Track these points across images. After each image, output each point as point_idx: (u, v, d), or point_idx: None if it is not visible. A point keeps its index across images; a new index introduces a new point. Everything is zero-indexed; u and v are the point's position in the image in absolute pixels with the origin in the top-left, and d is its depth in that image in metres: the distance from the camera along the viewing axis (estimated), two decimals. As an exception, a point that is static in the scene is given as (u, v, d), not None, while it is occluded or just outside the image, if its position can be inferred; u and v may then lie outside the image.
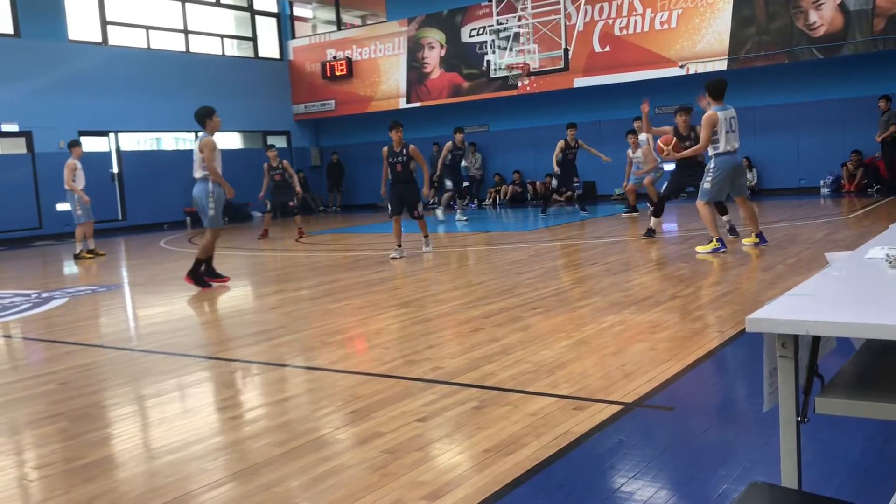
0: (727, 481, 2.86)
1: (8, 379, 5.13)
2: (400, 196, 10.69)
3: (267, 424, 3.85)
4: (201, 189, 8.50)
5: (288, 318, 6.69)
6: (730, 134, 8.68)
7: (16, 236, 17.64)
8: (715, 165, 8.77)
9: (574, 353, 4.80)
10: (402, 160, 10.65)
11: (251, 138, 23.58)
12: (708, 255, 8.77)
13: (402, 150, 10.66)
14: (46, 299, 8.63)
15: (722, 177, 8.74)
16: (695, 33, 17.25)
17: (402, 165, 10.67)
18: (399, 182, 10.70)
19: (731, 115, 8.73)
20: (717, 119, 8.60)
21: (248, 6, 23.34)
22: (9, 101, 17.51)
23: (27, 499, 3.15)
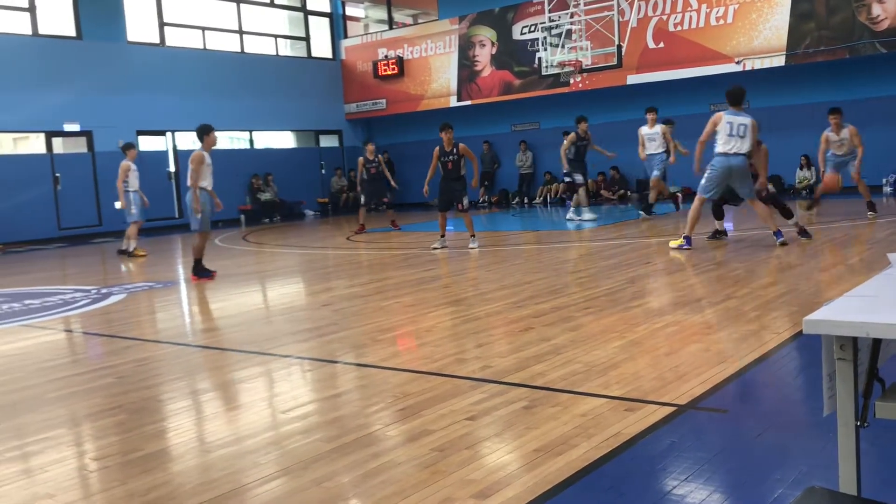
0: (782, 486, 2.80)
1: (69, 372, 5.28)
2: (449, 192, 11.47)
3: (318, 420, 3.89)
4: (189, 196, 9.50)
5: (339, 315, 6.75)
6: (732, 137, 9.02)
7: (77, 233, 18.15)
8: (712, 164, 9.23)
9: (626, 354, 4.74)
10: (452, 158, 11.41)
11: (304, 137, 23.87)
12: (675, 250, 9.38)
13: (452, 150, 11.43)
14: (105, 295, 8.86)
15: (716, 175, 9.18)
16: (752, 28, 16.91)
17: (453, 163, 11.42)
18: (449, 179, 11.47)
19: (739, 122, 9.03)
20: (721, 119, 9.11)
21: (301, 6, 23.61)
22: (71, 102, 18.02)
23: (87, 489, 3.24)
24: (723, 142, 9.04)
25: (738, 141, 9.01)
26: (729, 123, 9.02)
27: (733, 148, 9.01)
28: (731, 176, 9.14)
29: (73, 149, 18.66)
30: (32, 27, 17.76)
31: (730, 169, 9.08)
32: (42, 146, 18.22)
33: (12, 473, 3.40)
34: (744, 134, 8.99)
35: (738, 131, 8.99)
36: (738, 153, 9.04)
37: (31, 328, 7.07)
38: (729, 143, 9.02)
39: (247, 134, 22.29)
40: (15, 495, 3.14)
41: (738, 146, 9.01)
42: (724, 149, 9.05)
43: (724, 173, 9.12)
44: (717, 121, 9.12)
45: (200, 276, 9.64)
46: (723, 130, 9.04)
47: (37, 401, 4.58)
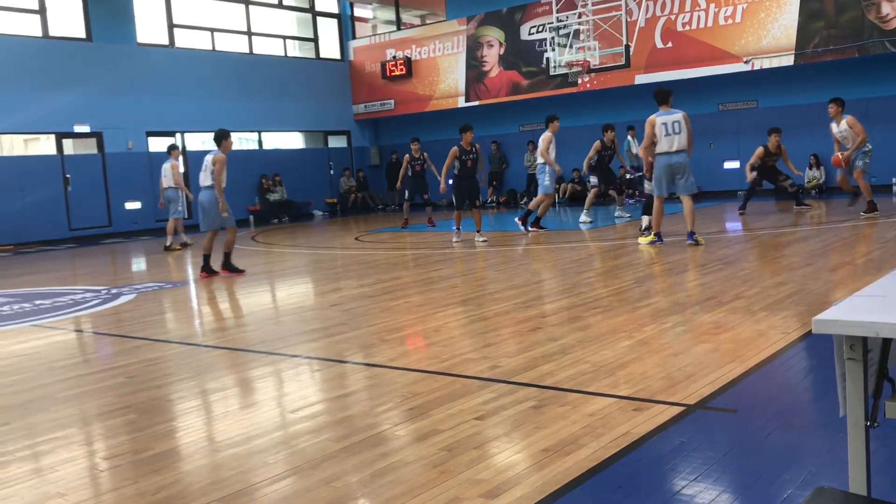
0: (792, 486, 2.79)
1: (80, 372, 5.31)
2: (467, 190, 12.00)
3: (326, 420, 3.90)
4: (209, 195, 9.83)
5: (348, 315, 6.76)
6: (668, 136, 9.58)
7: (87, 234, 18.23)
8: (655, 165, 9.81)
9: (634, 354, 4.74)
10: (472, 157, 11.95)
11: (312, 138, 23.92)
12: (646, 246, 9.88)
13: (471, 149, 11.95)
14: (116, 295, 8.90)
15: (660, 174, 9.71)
16: (760, 28, 16.86)
17: (472, 162, 11.98)
18: (467, 177, 12.00)
19: (672, 120, 9.58)
20: (655, 122, 9.62)
21: (309, 7, 23.66)
22: (81, 103, 18.10)
23: (97, 488, 3.26)
24: (663, 143, 9.59)
25: (675, 138, 9.57)
26: (663, 124, 9.58)
27: (673, 145, 9.56)
28: (674, 170, 9.66)
29: (84, 150, 18.74)
30: (43, 29, 17.85)
31: (671, 166, 9.62)
32: (52, 147, 18.31)
33: (23, 472, 3.42)
34: (679, 130, 9.55)
35: (672, 129, 9.56)
36: (679, 150, 9.59)
37: (41, 328, 7.11)
38: (667, 142, 9.57)
39: (256, 135, 22.35)
40: (26, 494, 3.16)
41: (676, 143, 9.56)
42: (663, 148, 9.61)
43: (666, 171, 9.66)
44: (652, 123, 9.63)
45: (234, 270, 10.14)
46: (660, 132, 9.60)
47: (47, 400, 4.60)
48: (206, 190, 9.86)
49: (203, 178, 9.90)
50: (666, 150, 9.60)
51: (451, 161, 11.95)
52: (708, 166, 19.19)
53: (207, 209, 9.89)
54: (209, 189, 9.82)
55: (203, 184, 9.89)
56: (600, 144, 14.19)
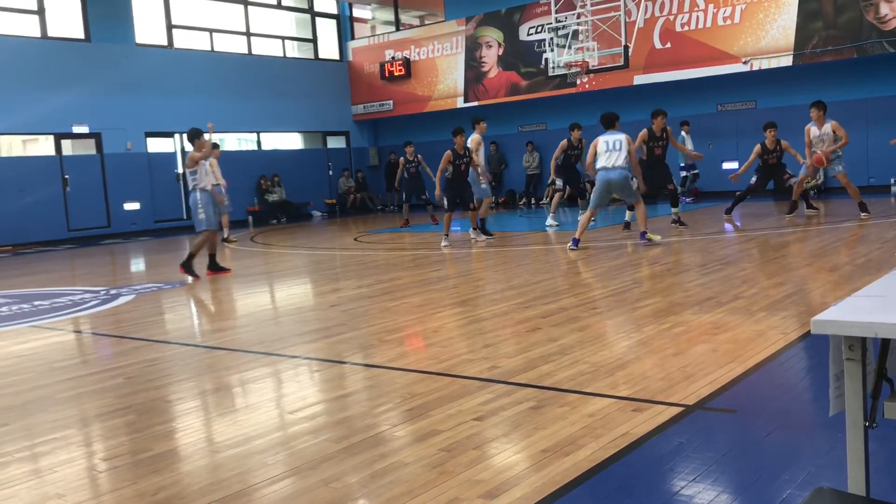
0: (791, 486, 2.80)
1: (79, 373, 5.31)
2: (459, 193, 11.99)
3: (326, 420, 3.90)
4: (191, 198, 9.92)
5: (347, 316, 6.76)
6: (609, 153, 10.10)
7: (86, 234, 18.22)
8: (597, 179, 10.30)
9: (633, 354, 4.74)
10: (465, 161, 12.00)
11: (311, 139, 23.92)
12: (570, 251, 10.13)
13: (465, 153, 12.00)
14: (114, 296, 8.90)
15: (599, 188, 10.26)
16: (759, 28, 16.87)
17: (466, 165, 12.02)
18: (460, 180, 12.00)
19: (614, 139, 10.13)
20: (598, 141, 10.24)
21: (308, 8, 23.66)
22: (80, 104, 18.10)
23: (97, 489, 3.26)
24: (602, 159, 10.12)
25: (615, 154, 10.07)
26: (605, 142, 10.17)
27: (611, 161, 10.05)
28: (611, 187, 10.20)
29: (82, 150, 18.73)
30: (41, 29, 17.84)
31: (608, 182, 10.13)
32: (51, 148, 18.30)
33: (22, 474, 3.42)
34: (619, 148, 10.08)
35: (613, 146, 10.10)
36: (615, 167, 10.06)
37: (40, 329, 7.10)
38: (606, 158, 10.08)
39: (254, 135, 22.35)
40: (25, 495, 3.16)
41: (615, 160, 10.05)
42: (603, 164, 10.13)
43: (604, 186, 10.19)
44: (595, 144, 10.28)
45: (216, 270, 10.24)
46: (601, 150, 10.16)
47: (47, 401, 4.60)
48: (191, 193, 10.01)
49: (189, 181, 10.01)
50: (604, 166, 10.10)
51: (444, 165, 11.83)
52: (707, 166, 19.19)
53: (195, 210, 9.97)
54: (191, 192, 9.96)
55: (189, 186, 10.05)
56: (567, 143, 13.79)
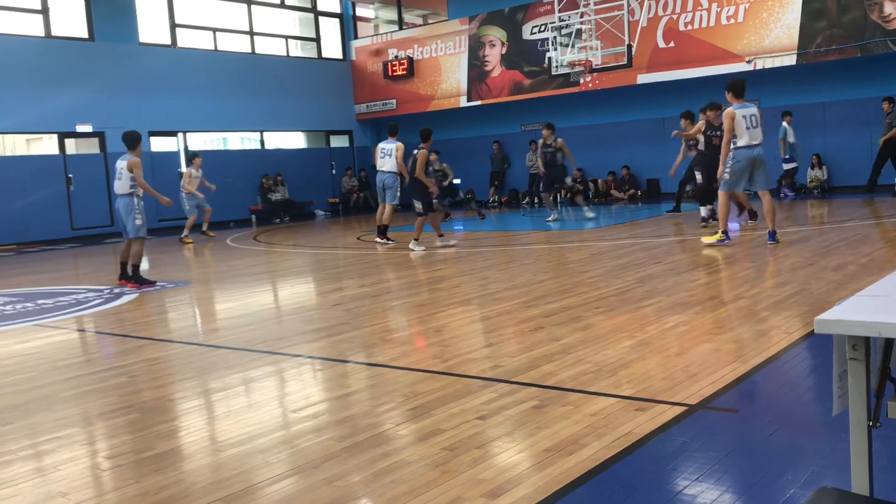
0: (794, 486, 2.79)
1: (82, 371, 5.32)
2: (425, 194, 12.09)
3: (329, 419, 3.90)
4: (126, 203, 9.28)
5: (350, 315, 6.76)
6: (750, 130, 9.20)
7: (89, 233, 18.25)
8: (734, 157, 9.28)
9: (636, 354, 4.74)
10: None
11: (314, 138, 23.93)
12: (713, 245, 9.46)
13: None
14: (118, 295, 8.91)
15: (741, 167, 9.27)
16: (763, 28, 16.84)
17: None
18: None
19: (751, 113, 9.23)
20: (735, 115, 9.18)
21: (311, 7, 23.67)
22: (83, 103, 18.12)
23: (100, 488, 3.26)
24: (746, 136, 9.19)
25: (756, 132, 9.24)
26: (743, 117, 9.20)
27: (755, 140, 9.22)
28: (753, 166, 9.30)
29: (86, 149, 18.76)
30: (45, 29, 17.86)
31: (752, 160, 9.24)
32: (55, 147, 18.33)
33: (26, 472, 3.43)
34: (758, 123, 9.28)
35: (753, 122, 9.24)
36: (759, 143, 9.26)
37: (44, 328, 7.11)
38: (751, 135, 9.21)
39: (257, 134, 22.36)
40: (28, 494, 3.17)
41: (757, 138, 9.23)
42: (748, 142, 9.24)
43: (748, 165, 9.29)
44: (731, 116, 9.23)
45: (144, 282, 9.46)
46: (741, 126, 9.17)
47: (50, 400, 4.61)
48: (122, 198, 9.31)
49: (118, 185, 9.35)
50: (748, 144, 9.25)
51: (422, 164, 11.90)
52: (710, 166, 19.17)
53: (127, 217, 9.27)
54: (127, 197, 9.28)
55: (119, 192, 9.33)
56: (542, 143, 14.33)
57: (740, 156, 9.26)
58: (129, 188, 9.26)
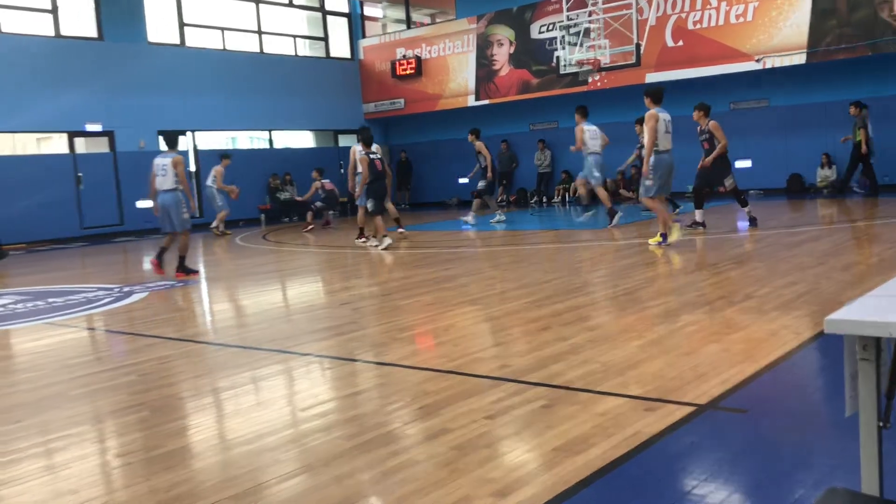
0: (803, 486, 2.79)
1: (93, 370, 5.34)
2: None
3: (337, 418, 3.91)
4: (173, 198, 9.83)
5: (358, 314, 6.77)
6: (668, 135, 9.80)
7: (99, 232, 18.31)
8: (655, 162, 9.78)
9: (645, 354, 4.73)
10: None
11: (323, 137, 23.94)
12: (655, 247, 9.74)
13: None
14: (128, 293, 8.94)
15: (662, 172, 9.78)
16: (772, 26, 16.78)
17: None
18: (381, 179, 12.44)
19: (669, 118, 9.89)
20: (659, 118, 9.70)
21: (319, 6, 23.69)
22: (93, 102, 18.18)
23: (110, 485, 3.28)
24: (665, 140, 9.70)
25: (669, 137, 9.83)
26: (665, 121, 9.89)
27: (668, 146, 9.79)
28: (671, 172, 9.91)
29: (95, 149, 18.82)
30: (55, 28, 17.93)
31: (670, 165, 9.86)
32: (64, 146, 18.40)
33: (37, 469, 3.45)
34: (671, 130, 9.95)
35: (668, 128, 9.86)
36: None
37: (54, 326, 7.15)
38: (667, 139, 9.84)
39: (266, 134, 22.40)
40: (38, 491, 3.19)
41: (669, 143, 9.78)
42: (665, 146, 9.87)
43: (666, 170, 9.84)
44: (655, 118, 9.78)
45: (189, 272, 10.07)
46: (661, 130, 9.77)
47: (60, 398, 4.63)
48: (168, 193, 9.78)
49: (164, 182, 9.77)
50: (666, 149, 9.79)
51: (366, 166, 12.00)
52: (719, 165, 19.11)
53: (177, 211, 9.81)
54: (172, 192, 9.78)
55: (165, 188, 9.77)
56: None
57: (661, 160, 9.73)
58: (174, 184, 9.76)
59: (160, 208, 9.94)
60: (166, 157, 9.82)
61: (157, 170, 9.87)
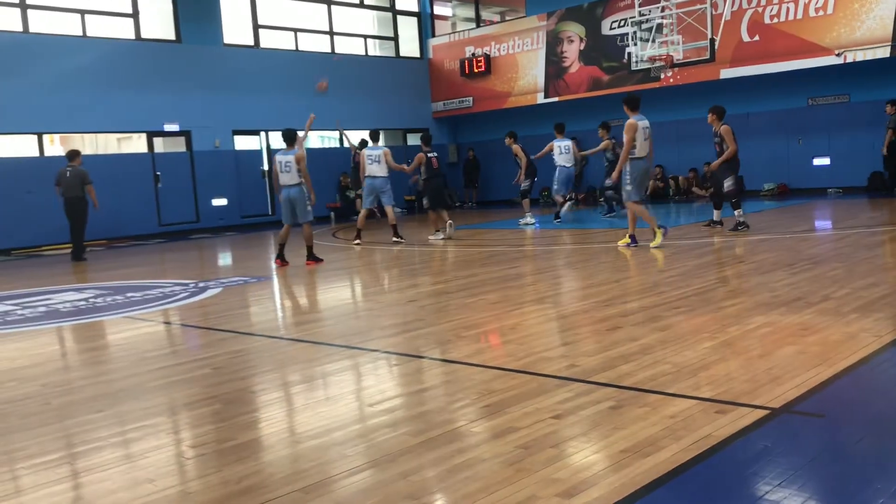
0: (883, 495, 2.68)
1: (168, 363, 5.51)
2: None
3: (404, 414, 3.94)
4: (298, 192, 10.66)
5: (425, 311, 6.81)
6: (646, 142, 10.02)
7: (176, 229, 18.86)
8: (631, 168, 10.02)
9: (717, 355, 4.63)
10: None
11: (391, 136, 24.13)
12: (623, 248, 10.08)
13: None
14: (203, 289, 9.18)
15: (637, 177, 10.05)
16: (854, 19, 16.20)
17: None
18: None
19: (646, 125, 10.04)
20: (637, 126, 9.88)
21: (390, 6, 23.88)
22: (170, 103, 18.73)
23: (184, 475, 3.37)
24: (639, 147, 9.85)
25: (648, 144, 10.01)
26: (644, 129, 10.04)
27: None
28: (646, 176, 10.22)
29: (173, 148, 19.38)
30: (136, 32, 18.53)
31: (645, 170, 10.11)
32: (144, 146, 19.00)
33: (115, 458, 3.57)
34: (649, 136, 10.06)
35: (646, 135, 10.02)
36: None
37: (133, 320, 7.39)
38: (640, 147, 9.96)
39: (336, 133, 22.68)
40: (118, 479, 3.30)
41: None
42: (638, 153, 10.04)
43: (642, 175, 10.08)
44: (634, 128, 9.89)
45: (317, 260, 10.92)
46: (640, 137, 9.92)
47: (138, 389, 4.79)
48: (294, 188, 10.62)
49: (290, 177, 10.54)
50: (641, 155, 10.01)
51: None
52: (797, 163, 18.57)
53: (303, 204, 10.68)
54: (297, 187, 10.60)
55: (290, 182, 10.57)
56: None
57: (637, 166, 9.95)
58: (298, 178, 10.55)
59: (285, 202, 10.71)
60: (288, 154, 10.56)
61: (281, 166, 10.59)
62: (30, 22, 16.99)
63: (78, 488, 3.27)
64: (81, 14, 17.69)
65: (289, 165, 10.51)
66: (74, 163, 13.61)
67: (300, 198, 10.66)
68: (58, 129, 17.96)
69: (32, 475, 3.42)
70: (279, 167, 10.62)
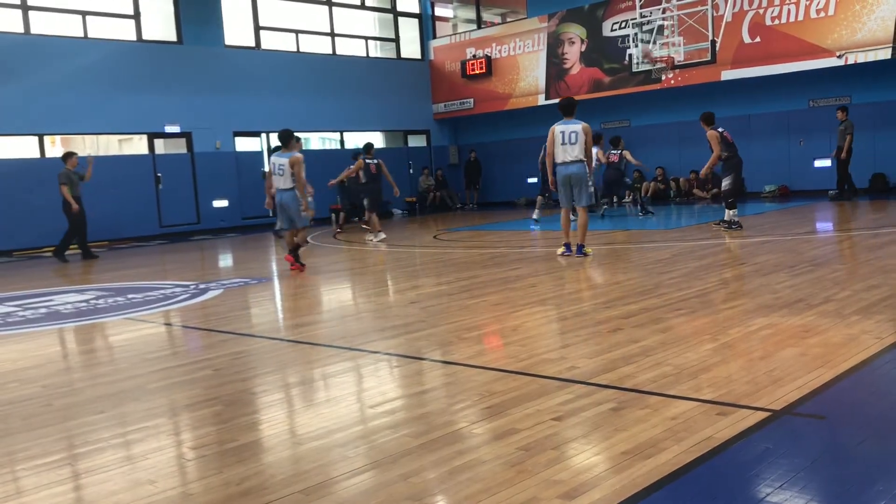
0: (885, 497, 2.68)
1: (169, 364, 5.51)
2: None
3: (405, 416, 3.94)
4: (292, 196, 10.09)
5: (426, 313, 6.81)
6: (566, 146, 9.60)
7: (177, 231, 18.87)
8: (555, 173, 9.81)
9: (718, 357, 4.63)
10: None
11: (392, 138, 24.15)
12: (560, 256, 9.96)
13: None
14: (203, 290, 9.18)
15: (559, 184, 9.79)
16: (855, 20, 16.21)
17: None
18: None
19: (570, 130, 9.57)
20: (554, 130, 9.65)
21: (391, 8, 23.90)
22: (171, 104, 18.75)
23: (185, 477, 3.37)
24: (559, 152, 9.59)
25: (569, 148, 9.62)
26: (561, 132, 9.63)
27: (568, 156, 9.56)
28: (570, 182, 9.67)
29: (174, 149, 19.40)
30: (137, 33, 18.55)
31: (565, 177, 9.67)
32: (145, 147, 19.02)
33: (116, 460, 3.57)
34: (574, 140, 9.54)
35: (569, 139, 9.59)
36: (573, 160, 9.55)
37: (134, 321, 7.39)
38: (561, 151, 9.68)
39: (337, 134, 22.70)
40: (119, 480, 3.30)
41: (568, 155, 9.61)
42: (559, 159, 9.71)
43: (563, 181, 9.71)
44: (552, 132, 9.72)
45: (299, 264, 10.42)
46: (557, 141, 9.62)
47: (139, 391, 4.79)
48: (287, 192, 10.10)
49: (283, 181, 10.08)
50: (560, 161, 9.64)
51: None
52: (798, 164, 18.58)
53: (295, 209, 10.10)
54: (291, 191, 10.08)
55: (284, 186, 10.08)
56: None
57: (556, 173, 9.74)
58: (292, 183, 10.06)
59: (279, 206, 10.22)
60: (283, 157, 10.11)
61: (275, 169, 10.18)
62: (31, 23, 17.01)
63: (79, 489, 3.27)
64: (83, 15, 17.72)
65: (282, 168, 10.05)
66: (67, 165, 13.83)
67: (293, 204, 10.09)
68: (59, 131, 17.99)
69: (34, 476, 3.42)
70: (273, 169, 10.23)
